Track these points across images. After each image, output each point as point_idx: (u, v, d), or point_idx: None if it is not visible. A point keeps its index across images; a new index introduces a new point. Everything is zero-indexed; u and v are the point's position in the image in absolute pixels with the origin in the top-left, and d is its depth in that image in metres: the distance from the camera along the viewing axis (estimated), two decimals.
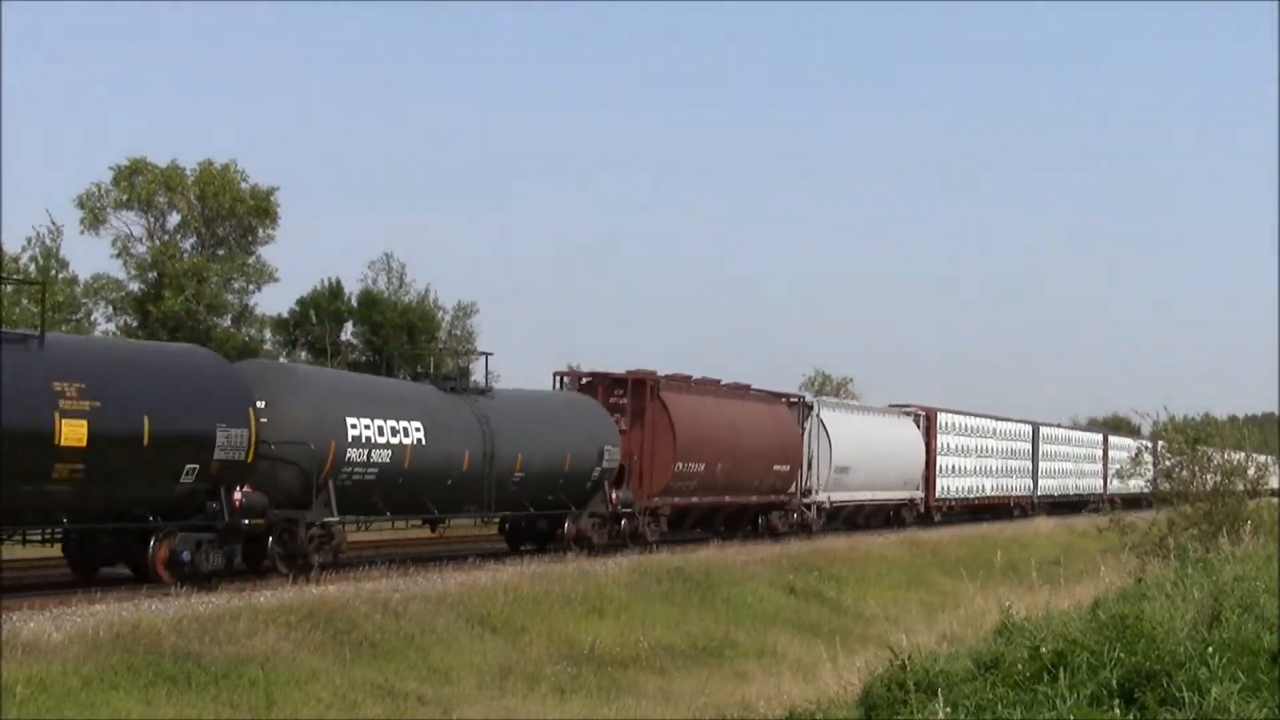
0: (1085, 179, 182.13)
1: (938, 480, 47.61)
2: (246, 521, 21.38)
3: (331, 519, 22.98)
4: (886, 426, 45.14)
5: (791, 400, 39.79)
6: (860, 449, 41.36)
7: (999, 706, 11.36)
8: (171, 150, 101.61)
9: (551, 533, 29.55)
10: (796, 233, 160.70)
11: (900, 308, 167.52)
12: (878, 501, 44.05)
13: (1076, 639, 12.85)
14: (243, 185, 47.35)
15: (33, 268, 42.60)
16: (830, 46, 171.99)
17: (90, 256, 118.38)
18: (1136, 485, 50.07)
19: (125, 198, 46.24)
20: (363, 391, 24.78)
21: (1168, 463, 38.51)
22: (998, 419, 54.73)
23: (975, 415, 52.60)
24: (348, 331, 52.86)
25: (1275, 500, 41.31)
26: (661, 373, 33.37)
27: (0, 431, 17.86)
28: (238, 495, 21.36)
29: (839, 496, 40.87)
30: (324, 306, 52.36)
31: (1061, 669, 11.89)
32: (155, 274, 45.99)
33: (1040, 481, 57.98)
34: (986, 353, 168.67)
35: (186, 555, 20.61)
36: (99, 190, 46.03)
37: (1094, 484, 64.59)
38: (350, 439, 23.15)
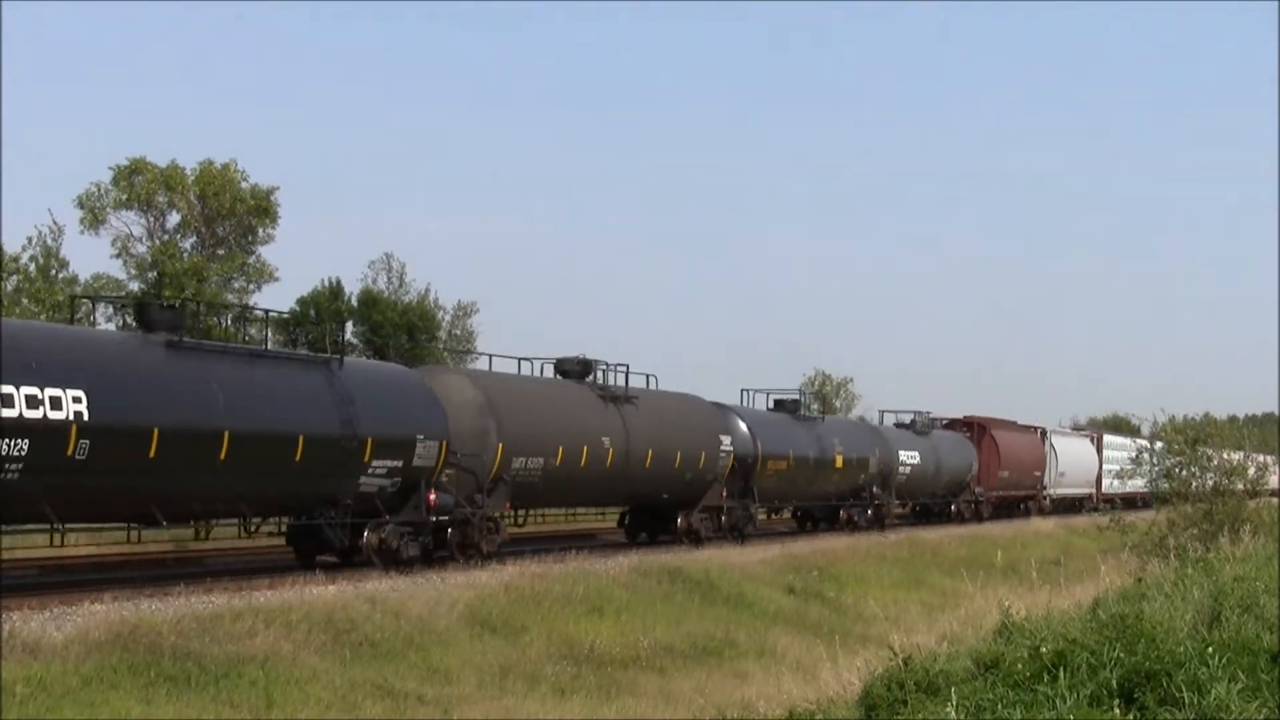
0: (1086, 178, 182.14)
1: (1103, 480, 66.46)
2: (877, 503, 43.91)
3: (892, 500, 45.15)
4: (1078, 444, 67.11)
5: (1035, 428, 60.77)
6: (1069, 460, 62.83)
7: (999, 706, 11.30)
8: (171, 150, 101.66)
9: (943, 511, 51.52)
10: (796, 232, 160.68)
11: (899, 308, 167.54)
12: (1074, 495, 63.55)
13: (1076, 639, 12.81)
14: (243, 185, 47.23)
15: (33, 267, 42.50)
16: (829, 48, 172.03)
17: (90, 256, 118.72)
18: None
19: (125, 198, 46.07)
20: (897, 435, 47.29)
21: (1168, 462, 38.52)
22: (1133, 439, 74.65)
23: (1121, 435, 72.69)
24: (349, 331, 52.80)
25: (1275, 500, 41.32)
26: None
27: (820, 460, 39.77)
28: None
29: (1058, 492, 61.77)
30: (324, 306, 52.29)
31: (1061, 669, 11.84)
32: (155, 274, 45.86)
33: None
34: (986, 353, 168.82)
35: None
36: (99, 190, 45.88)
37: None
38: (900, 460, 45.74)
